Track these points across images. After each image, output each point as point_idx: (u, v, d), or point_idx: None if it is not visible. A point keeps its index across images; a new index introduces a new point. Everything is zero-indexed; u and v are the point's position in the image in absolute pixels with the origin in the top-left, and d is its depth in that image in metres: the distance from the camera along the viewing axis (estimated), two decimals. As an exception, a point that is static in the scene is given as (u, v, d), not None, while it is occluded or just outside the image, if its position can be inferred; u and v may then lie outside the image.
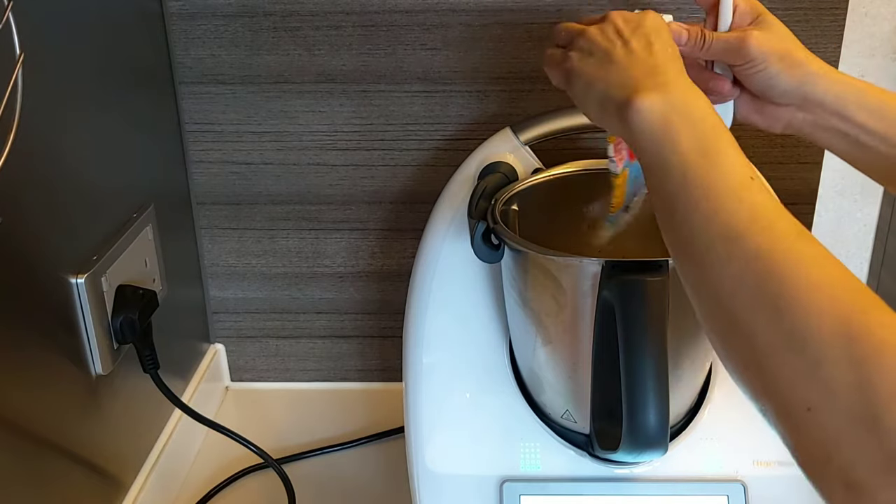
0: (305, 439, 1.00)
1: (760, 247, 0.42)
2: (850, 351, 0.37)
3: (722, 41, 0.61)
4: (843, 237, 1.26)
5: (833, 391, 0.36)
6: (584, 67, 0.56)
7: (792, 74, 0.61)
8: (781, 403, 0.39)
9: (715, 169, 0.46)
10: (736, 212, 0.44)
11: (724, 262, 0.43)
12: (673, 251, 0.48)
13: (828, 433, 0.36)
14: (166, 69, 0.93)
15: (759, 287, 0.41)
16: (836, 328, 0.37)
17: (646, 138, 0.49)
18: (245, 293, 1.05)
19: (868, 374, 0.36)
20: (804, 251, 0.41)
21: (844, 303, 0.38)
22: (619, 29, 0.56)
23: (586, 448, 0.72)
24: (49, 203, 0.68)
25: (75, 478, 0.73)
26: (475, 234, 0.66)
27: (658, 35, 0.55)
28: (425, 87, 0.93)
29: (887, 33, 1.13)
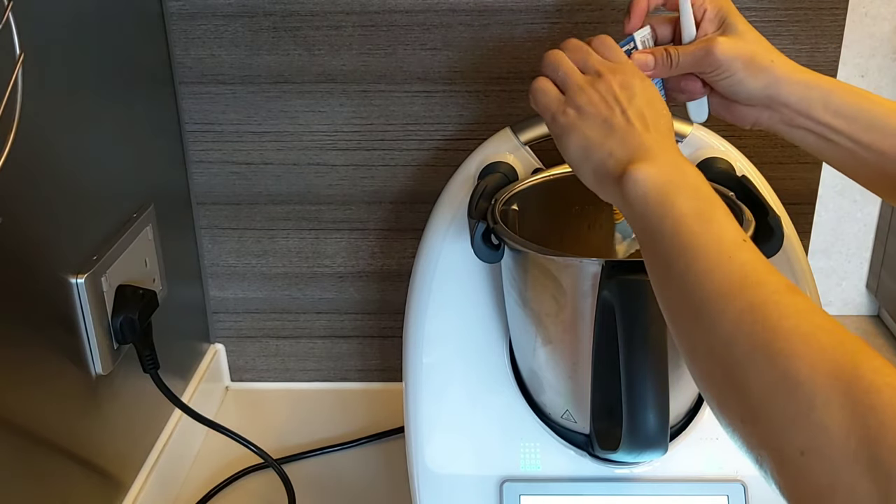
0: (305, 439, 1.00)
1: (752, 301, 0.43)
2: (842, 394, 0.37)
3: (689, 55, 0.63)
4: (843, 237, 1.26)
5: (826, 434, 0.37)
6: (584, 130, 0.56)
7: (756, 79, 0.63)
8: (776, 449, 0.39)
9: (708, 232, 0.47)
10: (728, 271, 0.45)
11: (717, 317, 0.44)
12: (668, 312, 0.49)
13: (822, 477, 0.37)
14: (166, 69, 0.93)
15: (751, 337, 0.42)
16: (827, 372, 0.38)
17: (641, 205, 0.51)
18: (245, 293, 1.05)
19: (860, 416, 0.36)
20: (794, 304, 0.43)
21: (835, 349, 0.39)
22: (617, 95, 0.56)
23: (586, 448, 0.72)
24: (49, 203, 0.68)
25: (75, 478, 0.73)
26: (475, 234, 0.66)
27: (652, 106, 0.56)
28: (425, 87, 0.93)
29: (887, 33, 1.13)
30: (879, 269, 1.26)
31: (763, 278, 0.44)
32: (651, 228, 0.50)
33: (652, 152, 0.53)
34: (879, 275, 1.26)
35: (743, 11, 0.89)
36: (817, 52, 0.90)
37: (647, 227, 0.50)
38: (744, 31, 0.63)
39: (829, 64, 0.91)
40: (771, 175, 0.79)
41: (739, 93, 0.63)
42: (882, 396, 0.36)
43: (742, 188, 0.70)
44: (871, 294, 1.30)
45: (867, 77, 1.17)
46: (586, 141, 0.56)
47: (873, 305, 1.31)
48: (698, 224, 0.48)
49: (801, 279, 0.74)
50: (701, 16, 0.65)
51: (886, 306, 1.26)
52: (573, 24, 0.90)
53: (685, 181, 0.51)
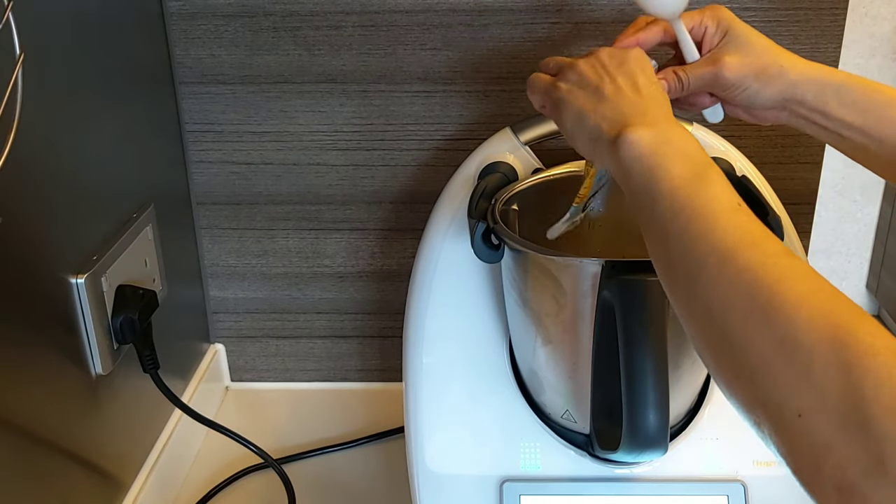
0: (305, 439, 1.00)
1: (750, 262, 0.43)
2: (838, 356, 0.37)
3: (698, 78, 0.64)
4: (843, 237, 1.26)
5: (823, 396, 0.37)
6: (575, 99, 0.58)
7: (771, 87, 0.63)
8: (773, 411, 0.40)
9: (704, 194, 0.47)
10: (725, 232, 0.45)
11: (715, 278, 0.44)
12: (664, 274, 0.49)
13: (819, 437, 0.37)
14: (166, 69, 0.93)
15: (750, 299, 0.42)
16: (824, 335, 0.38)
17: (636, 167, 0.51)
18: (245, 293, 1.05)
19: (857, 378, 0.36)
20: (792, 266, 0.43)
21: (832, 312, 0.39)
22: (605, 64, 0.58)
23: (586, 448, 0.72)
24: (49, 203, 0.68)
25: (75, 478, 0.73)
26: (475, 234, 0.66)
27: (642, 72, 0.58)
28: (425, 87, 0.93)
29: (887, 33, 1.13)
30: (879, 269, 1.26)
31: (759, 240, 0.44)
32: (647, 190, 0.50)
33: (647, 116, 0.53)
34: (879, 275, 1.26)
35: (743, 11, 0.89)
36: (817, 52, 0.90)
37: (643, 189, 0.50)
38: (748, 41, 0.63)
39: (829, 64, 0.90)
40: (771, 175, 0.79)
41: (755, 102, 0.64)
42: (878, 359, 0.37)
43: (742, 188, 0.70)
44: (871, 294, 1.30)
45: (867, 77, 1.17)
46: (579, 109, 0.57)
47: (873, 305, 1.31)
48: (693, 186, 0.48)
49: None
50: (703, 33, 0.65)
51: (886, 306, 1.26)
52: (573, 24, 0.90)
53: (680, 144, 0.51)
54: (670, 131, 0.52)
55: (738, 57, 0.63)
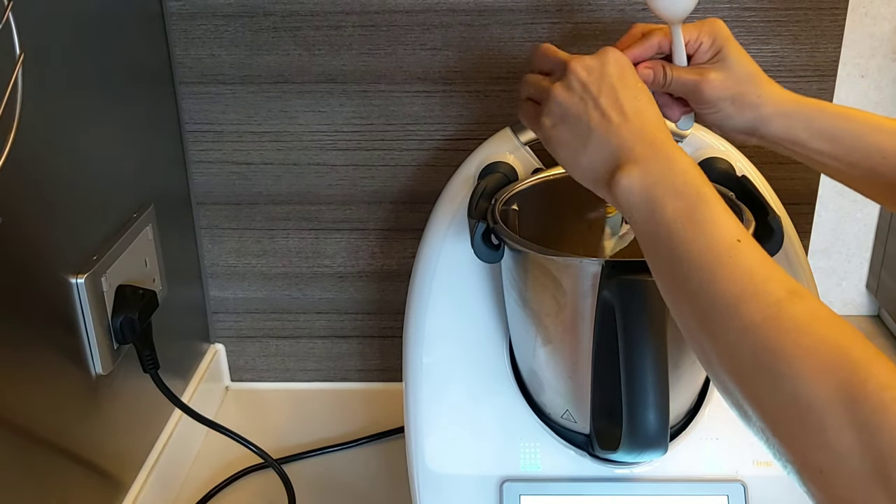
0: (305, 439, 1.00)
1: (752, 318, 0.43)
2: (851, 415, 0.37)
3: (681, 82, 0.63)
4: (843, 237, 1.26)
5: (840, 455, 0.37)
6: (562, 136, 0.55)
7: (742, 116, 0.63)
8: (798, 464, 0.40)
9: (701, 236, 0.47)
10: (726, 281, 0.44)
11: (721, 330, 0.44)
12: (677, 317, 0.48)
13: (842, 492, 0.38)
14: (166, 69, 0.93)
15: (754, 358, 0.42)
16: (833, 393, 0.38)
17: (634, 212, 0.50)
18: (245, 293, 1.05)
19: (871, 436, 0.37)
20: (793, 315, 0.42)
21: (839, 365, 0.39)
22: (585, 83, 0.55)
23: (586, 448, 0.72)
24: (49, 203, 0.68)
25: (75, 477, 0.73)
26: (475, 234, 0.66)
27: (624, 85, 0.55)
28: (425, 87, 0.93)
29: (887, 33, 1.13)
30: (879, 269, 1.26)
31: (759, 287, 0.44)
32: (647, 234, 0.50)
33: (634, 151, 0.51)
34: (879, 275, 1.26)
35: (743, 11, 0.89)
36: (817, 52, 0.90)
37: (643, 233, 0.50)
38: (736, 65, 0.63)
39: (829, 64, 0.91)
40: (771, 175, 0.79)
41: (726, 126, 0.65)
42: (888, 415, 0.37)
43: (742, 188, 0.70)
44: (871, 294, 1.30)
45: (867, 77, 1.17)
46: (569, 147, 0.55)
47: (873, 305, 1.31)
48: (690, 228, 0.47)
49: (801, 279, 0.74)
50: (696, 48, 0.65)
51: (886, 306, 1.26)
52: (573, 24, 0.90)
53: (671, 178, 0.50)
54: (659, 165, 0.50)
55: (722, 77, 0.63)
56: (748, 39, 0.90)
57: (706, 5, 0.88)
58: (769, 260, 0.45)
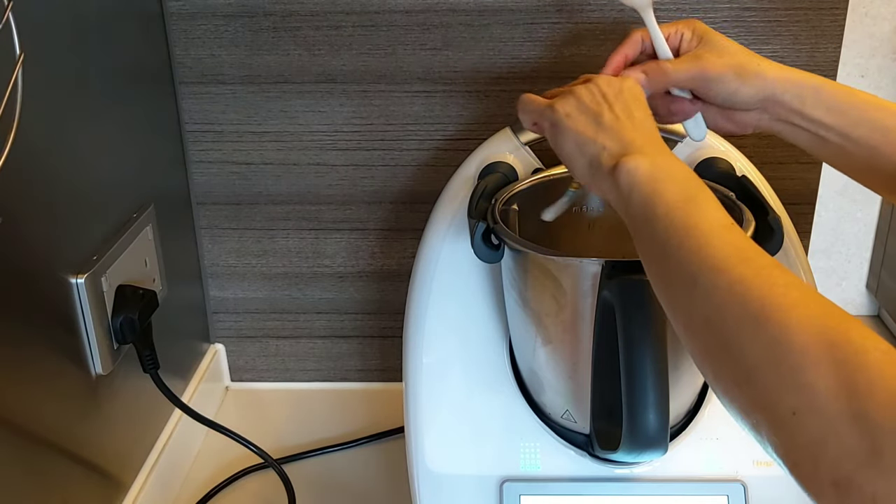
0: (305, 439, 1.00)
1: (742, 274, 0.45)
2: (830, 355, 0.38)
3: (682, 72, 0.65)
4: (843, 237, 1.26)
5: (816, 393, 0.38)
6: (575, 125, 0.59)
7: (751, 85, 0.64)
8: (769, 412, 0.41)
9: (698, 214, 0.50)
10: (717, 248, 0.47)
11: (709, 291, 0.46)
12: (661, 291, 0.51)
13: (813, 434, 0.38)
14: (166, 69, 0.93)
15: (743, 307, 0.43)
16: (815, 336, 0.40)
17: (635, 193, 0.53)
18: (245, 293, 1.05)
19: (848, 374, 0.37)
20: (784, 276, 0.44)
21: (823, 315, 0.41)
22: (604, 92, 0.60)
23: (586, 448, 0.72)
24: (49, 203, 0.68)
25: (75, 477, 0.73)
26: (475, 234, 0.66)
27: (638, 104, 0.59)
28: (425, 87, 0.93)
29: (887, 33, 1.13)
30: (879, 269, 1.26)
31: (751, 255, 0.46)
32: (644, 213, 0.52)
33: (644, 148, 0.55)
34: (879, 275, 1.26)
35: (743, 11, 0.89)
36: (817, 52, 0.90)
37: (641, 213, 0.52)
38: (725, 45, 0.65)
39: (829, 64, 0.91)
40: (771, 175, 0.79)
41: (737, 100, 0.65)
42: (870, 356, 0.38)
43: (742, 188, 0.70)
44: (871, 294, 1.30)
45: (867, 77, 1.17)
46: (579, 136, 0.58)
47: (873, 305, 1.31)
48: (687, 207, 0.50)
49: (801, 279, 0.74)
50: (679, 40, 0.67)
51: (886, 306, 1.26)
52: (573, 24, 0.90)
53: (673, 171, 0.53)
54: (664, 160, 0.54)
55: (718, 55, 0.64)
56: (748, 39, 0.90)
57: (706, 5, 0.88)
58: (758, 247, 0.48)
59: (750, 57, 0.65)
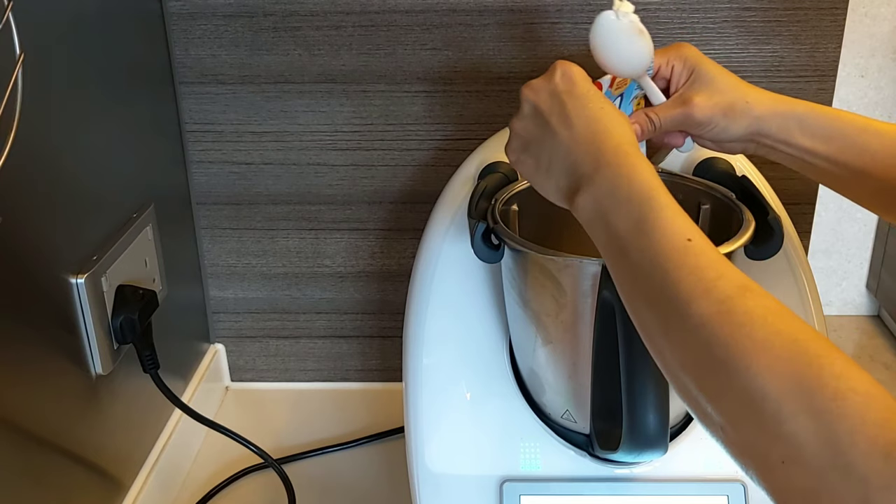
0: (305, 439, 1.01)
1: (703, 314, 0.43)
2: (807, 404, 0.38)
3: (669, 119, 0.64)
4: (843, 237, 1.26)
5: (800, 444, 0.37)
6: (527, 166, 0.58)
7: (738, 124, 0.64)
8: (758, 458, 0.40)
9: (650, 243, 0.47)
10: (676, 282, 0.45)
11: (676, 333, 0.44)
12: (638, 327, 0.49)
13: (804, 483, 0.37)
14: (166, 69, 0.93)
15: (710, 353, 0.42)
16: (789, 383, 0.38)
17: (592, 231, 0.52)
18: (245, 293, 1.05)
19: (829, 423, 0.37)
20: (746, 310, 0.42)
21: (793, 357, 0.39)
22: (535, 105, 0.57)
23: (586, 448, 0.72)
24: (49, 203, 0.68)
25: (75, 478, 0.73)
26: (475, 234, 0.66)
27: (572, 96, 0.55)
28: (425, 87, 0.93)
29: (887, 33, 1.13)
30: (879, 269, 1.26)
31: (711, 284, 0.44)
32: (606, 250, 0.51)
33: (584, 168, 0.52)
34: (879, 275, 1.26)
35: (743, 11, 0.89)
36: (817, 52, 0.90)
37: (603, 250, 0.51)
38: (715, 79, 0.64)
39: (829, 64, 0.91)
40: (771, 175, 0.79)
41: (723, 138, 0.65)
42: (847, 403, 0.37)
43: (742, 188, 0.70)
44: (871, 294, 1.30)
45: (867, 77, 1.17)
46: (537, 174, 0.57)
47: (873, 305, 1.31)
48: (638, 238, 0.48)
49: (801, 279, 0.74)
50: (670, 72, 0.65)
51: (886, 306, 1.26)
52: (573, 24, 0.90)
53: (617, 190, 0.50)
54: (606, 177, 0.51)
55: (707, 96, 0.63)
56: (748, 39, 0.90)
57: (706, 5, 0.88)
58: (721, 258, 0.46)
59: (739, 93, 0.64)
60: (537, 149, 0.56)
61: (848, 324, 1.29)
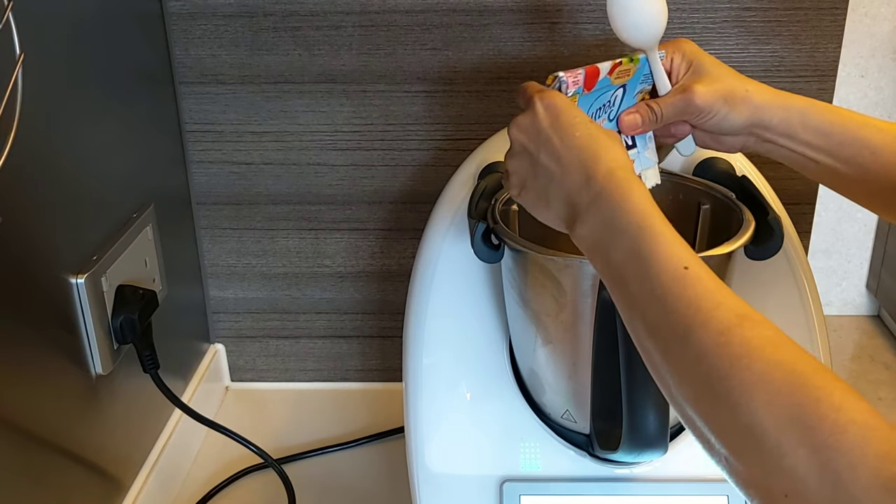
0: (305, 439, 1.01)
1: (702, 346, 0.43)
2: (807, 440, 0.38)
3: (670, 107, 0.64)
4: (843, 237, 1.26)
5: (802, 479, 0.37)
6: (528, 202, 0.58)
7: (738, 112, 0.63)
8: (763, 492, 0.40)
9: (647, 274, 0.47)
10: (674, 313, 0.45)
11: (679, 362, 0.44)
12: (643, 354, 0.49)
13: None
14: (166, 69, 0.93)
15: (709, 389, 0.42)
16: (788, 417, 0.38)
17: (593, 262, 0.52)
18: (245, 293, 1.05)
19: (829, 460, 0.37)
20: (742, 341, 0.42)
21: (792, 389, 0.39)
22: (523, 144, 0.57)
23: (586, 448, 0.72)
24: (49, 203, 0.68)
25: (75, 478, 0.73)
26: (475, 234, 0.66)
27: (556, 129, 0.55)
28: (425, 87, 0.93)
29: (887, 33, 1.13)
30: (879, 269, 1.26)
31: (708, 315, 0.43)
32: (607, 280, 0.51)
33: (578, 201, 0.53)
34: (879, 275, 1.26)
35: (743, 11, 0.89)
36: (817, 52, 0.90)
37: (605, 281, 0.51)
38: (713, 69, 0.64)
39: (829, 64, 0.91)
40: (771, 175, 0.79)
41: (724, 127, 0.64)
42: (847, 437, 0.37)
43: (742, 188, 0.70)
44: (871, 294, 1.30)
45: (867, 77, 1.17)
46: (538, 209, 0.57)
47: (873, 305, 1.31)
48: (635, 269, 0.48)
49: (801, 279, 0.74)
50: (669, 64, 0.65)
51: (886, 306, 1.26)
52: (573, 23, 0.90)
53: (612, 220, 0.50)
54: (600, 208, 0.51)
55: (707, 83, 0.63)
56: (748, 39, 0.90)
57: (706, 5, 0.88)
58: (719, 285, 0.45)
59: (738, 82, 0.64)
60: (533, 184, 0.57)
61: (848, 324, 1.29)
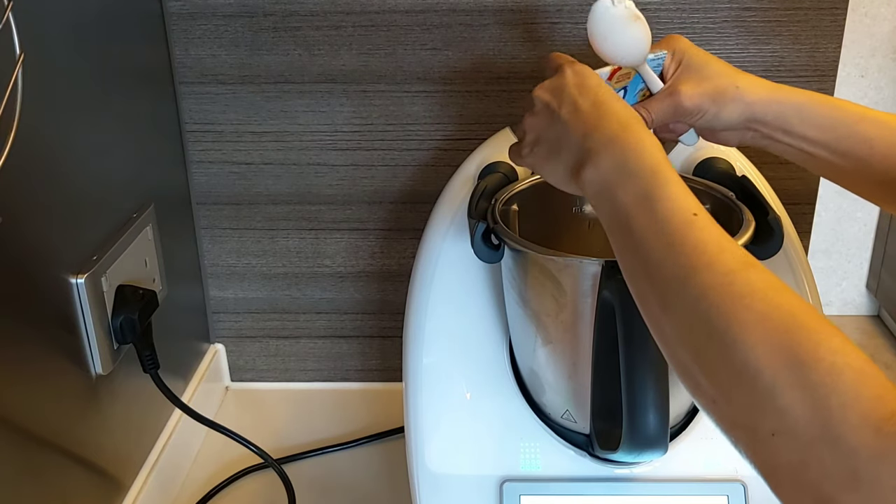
0: (305, 439, 1.01)
1: (704, 285, 0.43)
2: (802, 378, 0.38)
3: (660, 111, 0.64)
4: (843, 237, 1.26)
5: (792, 417, 0.38)
6: (539, 157, 0.58)
7: (730, 110, 0.63)
8: (749, 430, 0.40)
9: (654, 218, 0.47)
10: (679, 255, 0.45)
11: (676, 305, 0.45)
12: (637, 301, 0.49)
13: (794, 455, 0.38)
14: (166, 69, 0.93)
15: (708, 325, 0.42)
16: (784, 358, 0.39)
17: (598, 203, 0.52)
18: (245, 293, 1.05)
19: (822, 398, 0.37)
20: (747, 282, 0.43)
21: (791, 330, 0.40)
22: (547, 103, 0.58)
23: (586, 448, 0.72)
24: (49, 203, 0.68)
25: (75, 478, 0.73)
26: (475, 234, 0.66)
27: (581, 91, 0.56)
28: (425, 87, 0.93)
29: (887, 33, 1.13)
30: (879, 269, 1.26)
31: (714, 258, 0.44)
32: (611, 224, 0.51)
33: (590, 142, 0.53)
34: (879, 275, 1.26)
35: (743, 11, 0.89)
36: (817, 52, 0.90)
37: (609, 224, 0.51)
38: (702, 67, 0.64)
39: (829, 64, 0.91)
40: (771, 175, 0.79)
41: (716, 125, 0.64)
42: (843, 377, 0.37)
43: (742, 188, 0.70)
44: (871, 294, 1.30)
45: (867, 77, 1.17)
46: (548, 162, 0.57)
47: (873, 305, 1.31)
48: (644, 211, 0.48)
49: (801, 279, 0.74)
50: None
51: (886, 306, 1.26)
52: (573, 23, 0.90)
53: (624, 162, 0.51)
54: (613, 151, 0.52)
55: (694, 83, 0.63)
56: (748, 39, 0.90)
57: (706, 5, 0.88)
58: (724, 234, 0.46)
59: (729, 79, 0.63)
60: (547, 136, 0.57)
61: (848, 324, 1.29)
